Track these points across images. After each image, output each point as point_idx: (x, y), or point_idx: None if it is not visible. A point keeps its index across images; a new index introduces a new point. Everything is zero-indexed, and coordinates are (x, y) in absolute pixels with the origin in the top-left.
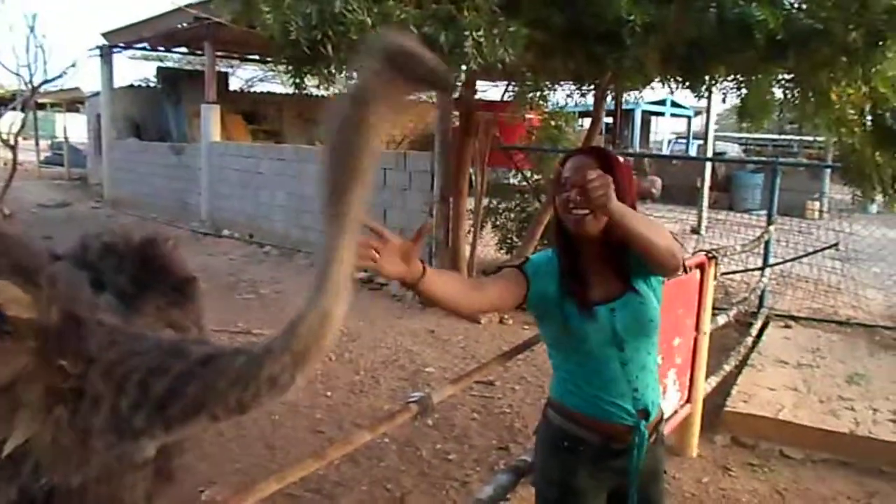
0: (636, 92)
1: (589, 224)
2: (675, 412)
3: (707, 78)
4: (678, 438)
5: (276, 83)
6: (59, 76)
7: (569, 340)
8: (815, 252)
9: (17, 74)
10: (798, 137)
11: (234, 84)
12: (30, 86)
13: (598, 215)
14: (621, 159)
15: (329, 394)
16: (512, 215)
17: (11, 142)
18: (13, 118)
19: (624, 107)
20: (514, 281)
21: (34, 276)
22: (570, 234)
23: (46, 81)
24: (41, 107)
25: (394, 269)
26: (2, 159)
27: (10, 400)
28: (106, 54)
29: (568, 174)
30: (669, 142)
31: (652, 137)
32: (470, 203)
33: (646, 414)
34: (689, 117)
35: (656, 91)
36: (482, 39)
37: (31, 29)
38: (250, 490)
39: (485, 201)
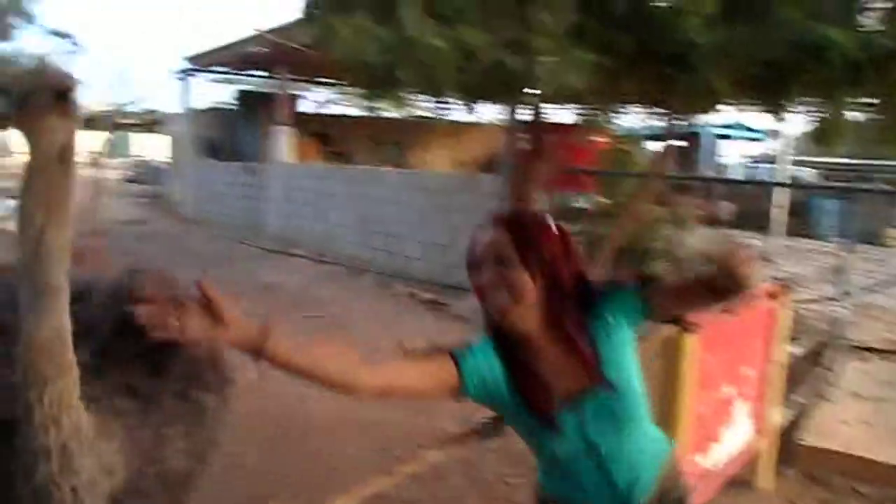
0: (706, 115)
1: (518, 316)
2: (746, 445)
3: (780, 101)
4: (750, 471)
5: (346, 105)
6: (145, 98)
7: (532, 445)
8: None
9: (106, 95)
10: (876, 162)
11: (306, 106)
12: (116, 107)
13: (525, 305)
14: (546, 222)
15: (394, 412)
16: (580, 239)
17: (100, 161)
18: (98, 137)
19: (693, 129)
20: (442, 369)
21: None
22: (506, 330)
23: (132, 102)
24: (120, 127)
25: (203, 332)
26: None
27: None
28: (186, 77)
29: (479, 252)
30: (741, 165)
31: (721, 161)
32: None
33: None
34: (760, 140)
35: (727, 114)
36: (552, 65)
37: (121, 55)
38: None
39: None
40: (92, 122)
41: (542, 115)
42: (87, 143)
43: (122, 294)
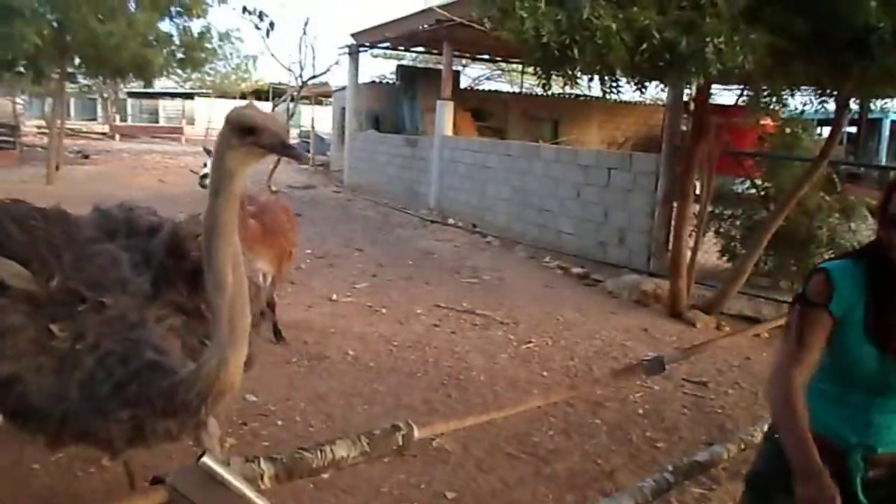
0: (885, 100)
1: None
2: None
3: None
4: None
5: (501, 82)
6: (325, 72)
7: (840, 365)
8: None
9: (290, 70)
10: None
11: (464, 82)
12: (300, 80)
13: None
14: None
15: (545, 374)
16: (738, 222)
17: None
18: (278, 110)
19: (871, 116)
20: (823, 327)
21: (54, 254)
22: (889, 270)
23: (313, 77)
24: (296, 99)
25: None
26: None
27: (4, 342)
28: (353, 52)
29: None
30: None
31: None
32: (694, 208)
33: (870, 449)
34: None
35: None
36: (722, 45)
37: (304, 30)
38: (470, 415)
39: (709, 208)
40: (280, 95)
41: (709, 96)
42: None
43: (175, 232)
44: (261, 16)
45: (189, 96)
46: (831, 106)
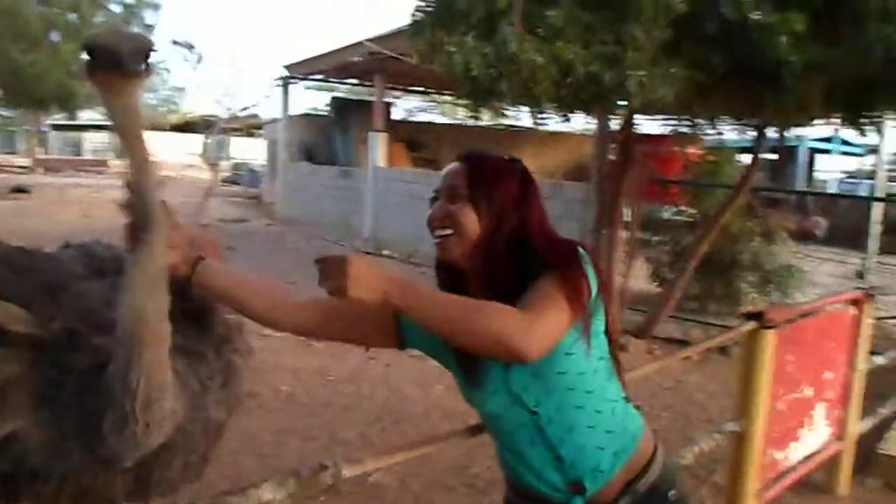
0: (799, 129)
1: (454, 249)
2: (824, 447)
3: (871, 116)
4: (827, 475)
5: (435, 113)
6: (256, 104)
7: (469, 402)
8: None
9: (219, 102)
10: None
11: (397, 114)
12: (230, 112)
13: (465, 241)
14: (511, 167)
15: None
16: (666, 248)
17: (212, 164)
18: (208, 142)
19: (788, 143)
20: (381, 313)
21: (51, 294)
22: (450, 267)
23: (244, 109)
24: (225, 131)
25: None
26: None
27: (2, 398)
28: (285, 84)
29: (437, 184)
30: (837, 181)
31: (818, 176)
32: (623, 235)
33: (579, 487)
34: (859, 156)
35: (824, 128)
36: (644, 79)
37: (232, 63)
38: (400, 450)
39: (638, 234)
40: (204, 127)
41: (633, 126)
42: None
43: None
44: (190, 47)
45: None
46: (751, 135)
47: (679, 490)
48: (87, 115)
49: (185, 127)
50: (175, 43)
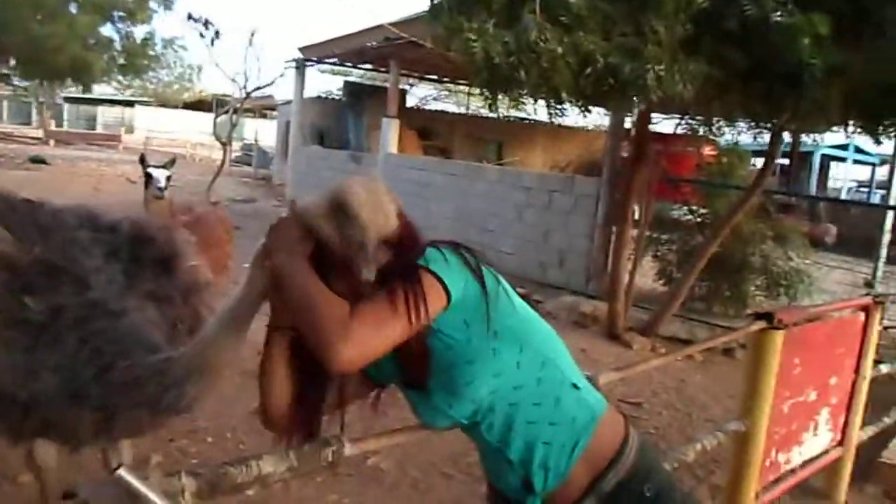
0: (816, 134)
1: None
2: (826, 452)
3: (892, 123)
4: (826, 480)
5: (448, 102)
6: (270, 84)
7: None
8: None
9: (234, 81)
10: None
11: (410, 101)
12: (243, 92)
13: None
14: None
15: None
16: (674, 247)
17: (223, 143)
18: (220, 121)
19: (802, 149)
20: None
21: (41, 232)
22: None
23: (257, 88)
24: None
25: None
26: (203, 157)
27: None
28: (300, 67)
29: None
30: (850, 189)
31: (831, 183)
32: (633, 232)
33: (529, 486)
34: (873, 164)
35: (839, 135)
36: (663, 73)
37: (250, 41)
38: (401, 432)
39: (647, 232)
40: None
41: (649, 123)
42: (207, 124)
43: (139, 221)
44: (206, 24)
45: (129, 104)
46: (766, 138)
47: (657, 484)
48: (102, 90)
49: (199, 105)
50: (191, 18)
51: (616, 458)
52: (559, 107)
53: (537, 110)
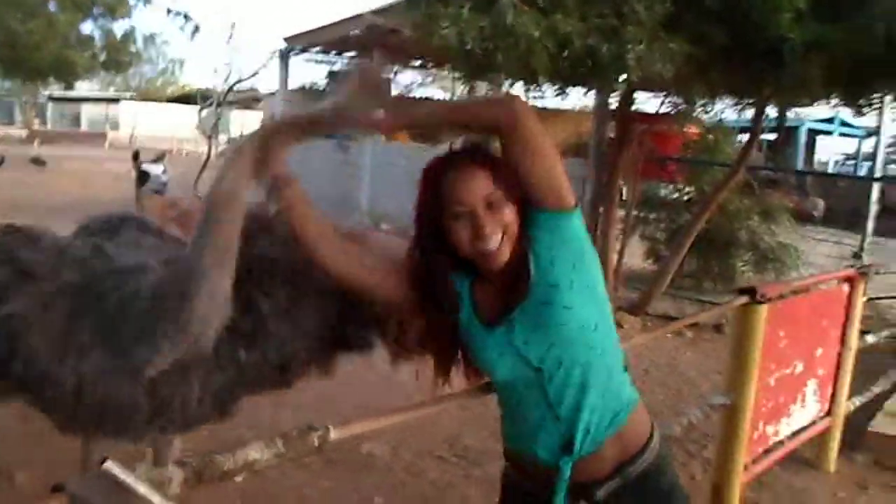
0: (800, 108)
1: (506, 250)
2: (813, 423)
3: (872, 96)
4: (815, 451)
5: (433, 88)
6: (253, 75)
7: (485, 368)
8: None
9: (216, 72)
10: None
11: (395, 89)
12: (226, 85)
13: (512, 236)
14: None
15: None
16: (662, 226)
17: (209, 136)
18: (205, 115)
19: (788, 124)
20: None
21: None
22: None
23: (240, 81)
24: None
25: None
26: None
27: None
28: (284, 57)
29: (461, 196)
30: (836, 162)
31: (818, 157)
32: (620, 212)
33: (571, 445)
34: (859, 137)
35: (824, 109)
36: (643, 53)
37: (231, 33)
38: (387, 415)
39: (634, 212)
40: (201, 99)
41: (632, 103)
42: (192, 118)
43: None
44: (186, 17)
45: (113, 101)
46: (750, 114)
47: (671, 478)
48: (85, 88)
49: (183, 99)
50: (170, 12)
51: (645, 446)
52: (538, 89)
53: (520, 94)
